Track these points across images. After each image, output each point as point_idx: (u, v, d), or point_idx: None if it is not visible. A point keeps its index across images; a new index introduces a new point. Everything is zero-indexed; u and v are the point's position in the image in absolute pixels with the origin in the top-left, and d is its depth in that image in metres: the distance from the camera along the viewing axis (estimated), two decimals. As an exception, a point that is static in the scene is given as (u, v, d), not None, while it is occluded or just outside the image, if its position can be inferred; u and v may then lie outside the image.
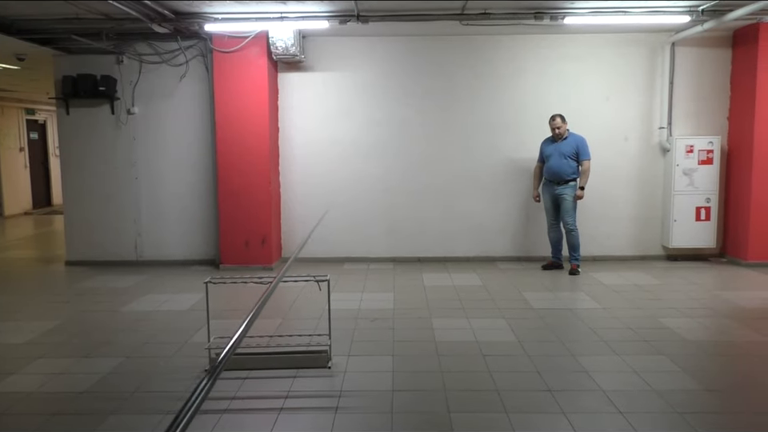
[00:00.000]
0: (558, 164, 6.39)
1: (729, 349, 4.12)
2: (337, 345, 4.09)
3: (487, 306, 5.22)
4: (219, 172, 6.80)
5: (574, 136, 6.44)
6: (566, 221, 6.47)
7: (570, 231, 6.48)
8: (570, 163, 6.37)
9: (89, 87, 6.91)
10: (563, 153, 6.37)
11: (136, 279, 6.47)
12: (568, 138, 6.42)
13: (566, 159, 6.36)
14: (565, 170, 6.37)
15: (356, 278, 6.43)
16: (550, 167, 6.48)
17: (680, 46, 7.00)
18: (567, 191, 6.41)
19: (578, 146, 6.37)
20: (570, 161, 6.37)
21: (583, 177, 6.39)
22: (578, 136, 6.44)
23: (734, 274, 6.50)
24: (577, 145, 6.37)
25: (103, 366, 3.85)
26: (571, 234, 6.49)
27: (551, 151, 6.47)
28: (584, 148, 6.38)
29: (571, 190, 6.40)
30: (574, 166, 6.39)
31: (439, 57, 7.10)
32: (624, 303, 5.28)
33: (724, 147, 7.11)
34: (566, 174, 6.38)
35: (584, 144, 6.39)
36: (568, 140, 6.41)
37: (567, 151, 6.37)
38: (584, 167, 6.38)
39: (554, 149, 6.45)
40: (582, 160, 6.38)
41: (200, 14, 6.11)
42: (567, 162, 6.36)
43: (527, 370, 3.71)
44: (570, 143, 6.38)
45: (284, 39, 6.48)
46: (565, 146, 6.39)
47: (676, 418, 3.03)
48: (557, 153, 6.41)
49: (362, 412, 3.16)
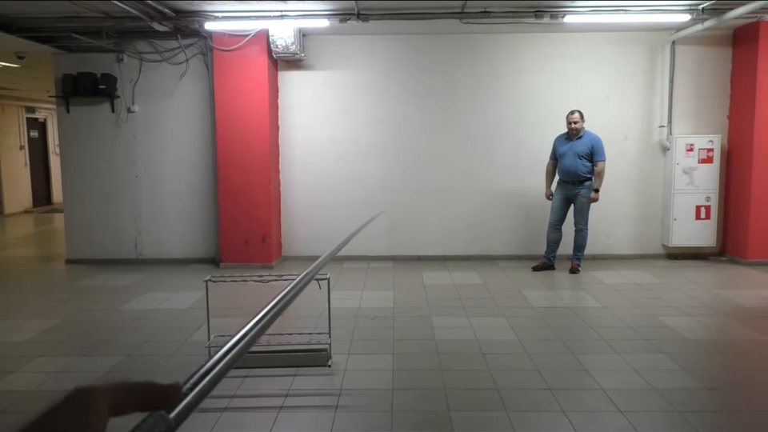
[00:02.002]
0: (572, 164, 6.22)
1: (729, 347, 4.12)
2: (337, 343, 4.09)
3: (487, 305, 5.22)
4: (219, 170, 6.80)
5: (589, 135, 6.24)
6: (578, 220, 6.34)
7: (580, 231, 6.38)
8: (585, 163, 6.18)
9: (89, 85, 6.91)
10: (577, 152, 6.19)
11: (136, 277, 6.47)
12: (583, 136, 6.23)
13: (580, 159, 6.18)
14: (580, 169, 6.19)
15: (356, 276, 6.43)
16: (564, 167, 6.30)
17: (680, 45, 6.99)
18: (583, 191, 6.24)
19: (593, 146, 6.16)
20: (584, 161, 6.18)
21: (598, 179, 6.20)
22: (593, 135, 6.23)
23: (733, 273, 6.50)
24: (592, 144, 6.16)
25: (103, 364, 3.85)
26: (581, 233, 6.39)
27: (565, 150, 6.29)
28: (599, 148, 6.17)
29: (587, 190, 6.23)
30: (589, 166, 6.20)
31: (439, 55, 7.09)
32: (624, 302, 5.28)
33: (724, 146, 7.11)
34: (581, 174, 6.21)
35: (599, 144, 6.18)
36: (583, 139, 6.22)
37: (581, 151, 6.18)
38: (599, 168, 6.18)
39: (568, 147, 6.27)
40: (596, 161, 6.16)
41: (200, 12, 6.11)
42: (582, 162, 6.18)
43: (527, 368, 3.71)
44: (584, 142, 6.19)
45: (284, 38, 6.47)
46: (579, 145, 6.20)
47: (676, 417, 3.03)
48: (571, 152, 6.23)
49: (362, 410, 3.17)
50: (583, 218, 6.35)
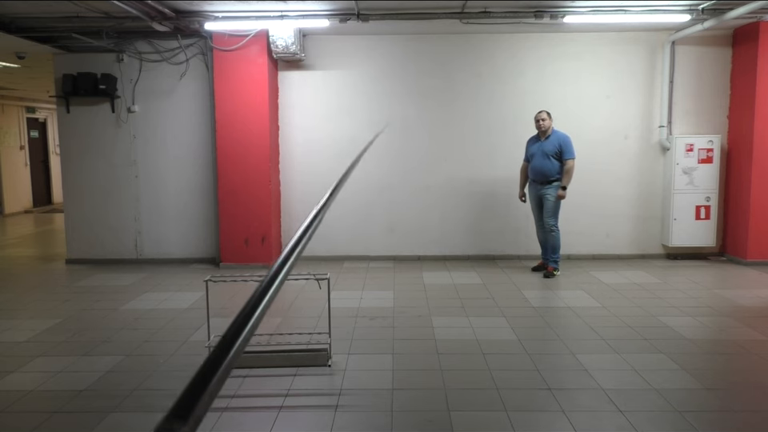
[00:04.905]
0: (540, 163, 6.18)
1: (728, 347, 4.12)
2: (337, 343, 4.09)
3: (487, 305, 5.23)
4: (219, 170, 6.81)
5: (557, 134, 6.20)
6: (547, 221, 6.25)
7: (551, 232, 6.26)
8: (553, 162, 6.13)
9: (89, 85, 6.91)
10: (546, 152, 6.14)
11: (136, 277, 6.47)
12: (551, 136, 6.19)
13: (548, 159, 6.13)
14: (548, 169, 6.15)
15: (356, 276, 6.43)
16: (533, 167, 6.27)
17: (680, 45, 6.99)
18: (550, 191, 6.19)
19: (560, 145, 6.09)
20: (552, 160, 6.13)
21: (566, 176, 6.11)
22: (561, 134, 6.17)
23: (733, 273, 6.50)
24: (560, 143, 6.09)
25: (103, 364, 3.85)
26: (551, 234, 6.27)
27: (534, 150, 6.27)
28: (567, 147, 6.10)
29: (554, 190, 6.17)
30: (558, 166, 6.12)
31: (439, 55, 7.10)
32: (624, 302, 5.28)
33: (724, 146, 7.11)
34: (549, 174, 6.16)
35: (567, 142, 6.12)
36: (551, 138, 6.17)
37: (550, 150, 6.13)
38: (567, 166, 6.10)
39: (537, 148, 6.24)
40: (565, 159, 6.12)
41: (200, 12, 6.11)
42: (550, 162, 6.13)
43: (527, 368, 3.71)
44: (552, 142, 6.15)
45: (284, 38, 6.47)
46: (547, 145, 6.16)
47: (675, 417, 3.04)
48: (540, 152, 6.19)
49: (362, 410, 3.17)
50: (552, 219, 6.24)
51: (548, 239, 6.34)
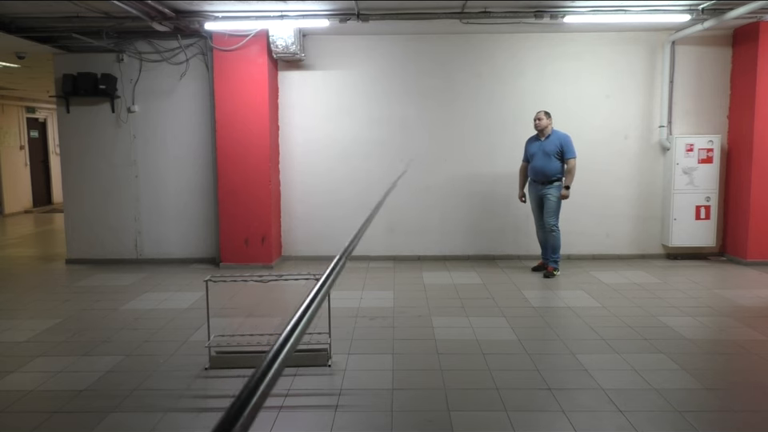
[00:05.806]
0: (542, 163, 6.17)
1: (728, 347, 4.12)
2: (337, 343, 4.09)
3: (487, 305, 5.23)
4: (219, 170, 6.80)
5: (557, 133, 6.20)
6: (548, 221, 6.23)
7: (551, 232, 6.25)
8: (555, 162, 6.13)
9: (89, 85, 6.91)
10: (547, 151, 6.14)
11: (136, 277, 6.47)
12: (551, 135, 6.19)
13: (549, 158, 6.13)
14: (550, 169, 6.14)
15: (356, 276, 6.43)
16: (534, 167, 6.26)
17: (680, 45, 6.99)
18: (552, 191, 6.18)
19: (561, 144, 6.09)
20: (554, 159, 6.13)
21: (569, 176, 6.14)
22: (561, 133, 6.18)
23: (733, 273, 6.50)
24: (561, 143, 6.09)
25: (103, 364, 3.85)
26: (552, 234, 6.27)
27: (535, 150, 6.26)
28: (568, 146, 6.11)
29: (556, 190, 6.17)
30: (559, 166, 6.13)
31: (439, 55, 7.10)
32: (624, 302, 5.28)
33: (724, 146, 7.11)
34: (551, 174, 6.15)
35: (568, 141, 6.13)
36: (551, 138, 6.17)
37: (551, 149, 6.13)
38: (569, 166, 6.12)
39: (537, 147, 6.23)
40: (567, 158, 6.13)
41: (200, 12, 6.11)
42: (551, 162, 6.13)
43: (527, 368, 3.71)
44: (553, 141, 6.15)
45: (284, 38, 6.47)
46: (548, 144, 6.16)
47: (675, 417, 3.04)
48: (540, 152, 6.19)
49: (362, 410, 3.17)
50: (553, 219, 6.23)
51: (548, 239, 6.34)
